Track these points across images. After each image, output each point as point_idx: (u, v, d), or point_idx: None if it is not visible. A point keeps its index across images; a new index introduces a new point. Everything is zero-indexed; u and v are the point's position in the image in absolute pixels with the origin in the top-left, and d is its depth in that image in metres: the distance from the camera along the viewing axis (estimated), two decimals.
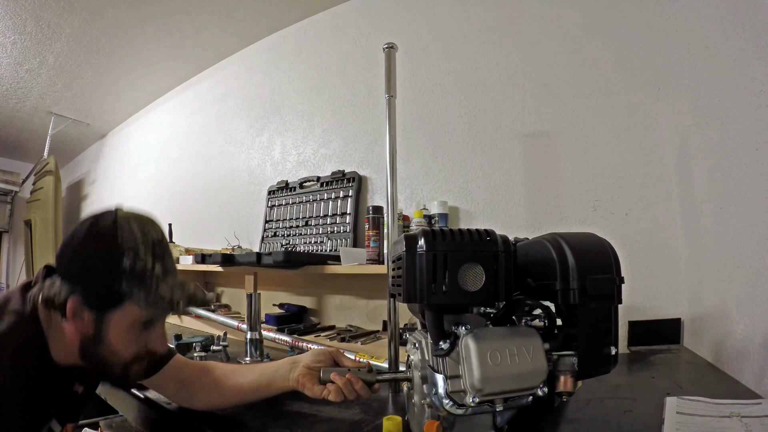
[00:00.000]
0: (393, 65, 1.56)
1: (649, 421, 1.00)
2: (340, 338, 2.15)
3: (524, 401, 0.84)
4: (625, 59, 2.01)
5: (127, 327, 1.04)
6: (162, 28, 3.48)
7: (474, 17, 2.49)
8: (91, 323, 1.02)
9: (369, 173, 2.81)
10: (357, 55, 3.02)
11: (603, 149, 2.03)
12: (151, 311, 1.06)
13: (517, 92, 2.30)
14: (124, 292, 1.01)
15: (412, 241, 0.81)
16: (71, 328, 1.03)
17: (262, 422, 1.19)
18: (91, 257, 1.02)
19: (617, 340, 0.81)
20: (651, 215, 1.90)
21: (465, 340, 0.78)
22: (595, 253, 0.80)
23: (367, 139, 2.86)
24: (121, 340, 1.05)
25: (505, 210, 2.26)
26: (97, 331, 1.03)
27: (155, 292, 1.03)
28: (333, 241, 2.74)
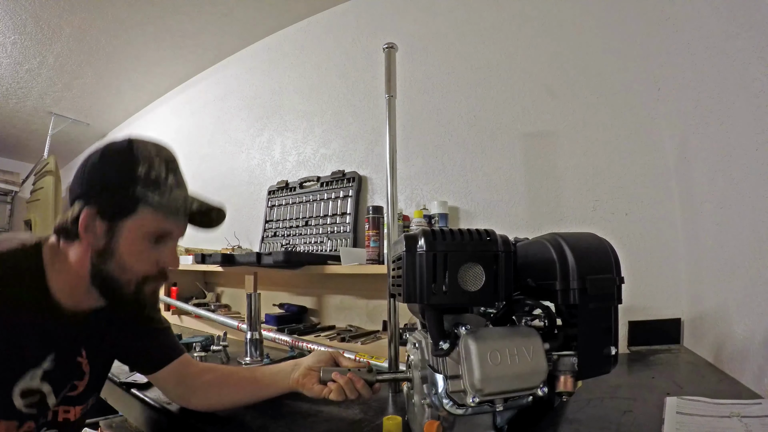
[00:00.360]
0: (393, 65, 1.56)
1: (649, 421, 1.00)
2: (340, 338, 2.15)
3: (524, 401, 0.84)
4: (626, 59, 2.01)
5: (139, 237, 1.03)
6: (162, 28, 3.48)
7: (474, 17, 2.49)
8: (103, 234, 1.01)
9: (369, 173, 2.81)
10: (357, 55, 3.02)
11: (603, 149, 2.03)
12: (164, 218, 1.06)
13: (518, 92, 2.30)
14: (139, 197, 1.01)
15: (412, 241, 0.81)
16: (82, 246, 1.02)
17: (263, 422, 1.19)
18: (106, 171, 1.03)
19: (617, 340, 0.81)
20: (651, 215, 1.90)
21: (465, 340, 0.78)
22: (596, 253, 0.80)
23: (367, 139, 2.86)
24: (133, 251, 1.03)
25: (505, 210, 2.26)
26: (109, 241, 1.01)
27: (170, 197, 1.05)
28: (333, 241, 2.74)
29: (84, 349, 1.13)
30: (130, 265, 1.03)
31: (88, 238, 1.01)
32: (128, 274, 1.04)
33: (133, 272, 1.04)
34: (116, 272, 1.03)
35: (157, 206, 1.03)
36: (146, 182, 1.02)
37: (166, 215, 1.06)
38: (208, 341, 2.04)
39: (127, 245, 1.02)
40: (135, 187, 1.01)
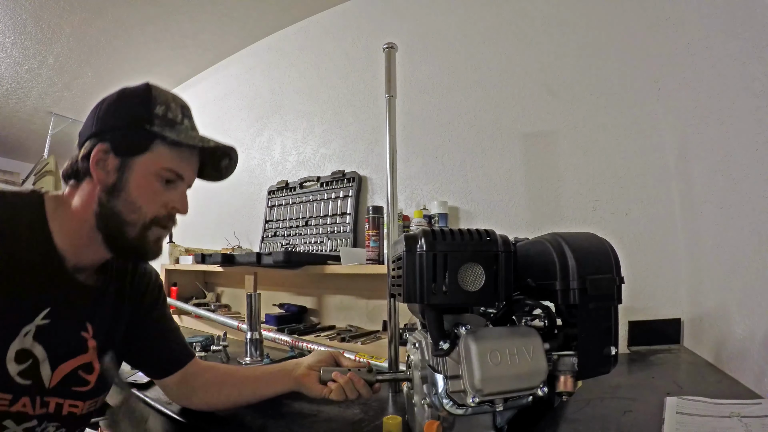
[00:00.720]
0: (393, 65, 1.56)
1: (649, 421, 1.00)
2: (340, 338, 2.15)
3: (524, 401, 0.84)
4: (626, 59, 2.01)
5: (151, 175, 1.02)
6: (162, 28, 3.49)
7: (474, 17, 2.49)
8: (114, 170, 1.00)
9: (369, 173, 2.81)
10: (357, 55, 3.02)
11: (603, 149, 2.03)
12: (178, 158, 1.05)
13: (518, 92, 2.30)
14: (154, 135, 1.01)
15: (412, 241, 0.81)
16: (90, 185, 1.01)
17: (263, 422, 1.19)
18: (122, 110, 1.03)
19: (617, 340, 0.81)
20: (651, 215, 1.90)
21: (465, 340, 0.78)
22: (595, 253, 0.80)
23: (367, 139, 2.86)
24: (143, 189, 1.02)
25: (505, 210, 2.26)
26: (120, 177, 1.00)
27: (185, 137, 1.04)
28: (333, 241, 2.74)
29: (90, 326, 1.08)
30: (139, 204, 1.01)
31: (98, 174, 1.00)
32: (136, 214, 1.02)
33: (141, 212, 1.02)
34: (124, 210, 1.01)
35: (171, 144, 1.03)
36: (162, 121, 1.03)
37: (180, 155, 1.06)
38: (208, 341, 2.04)
39: (137, 182, 1.01)
40: (151, 125, 1.01)
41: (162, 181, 1.04)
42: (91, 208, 1.01)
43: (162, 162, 1.03)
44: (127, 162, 1.00)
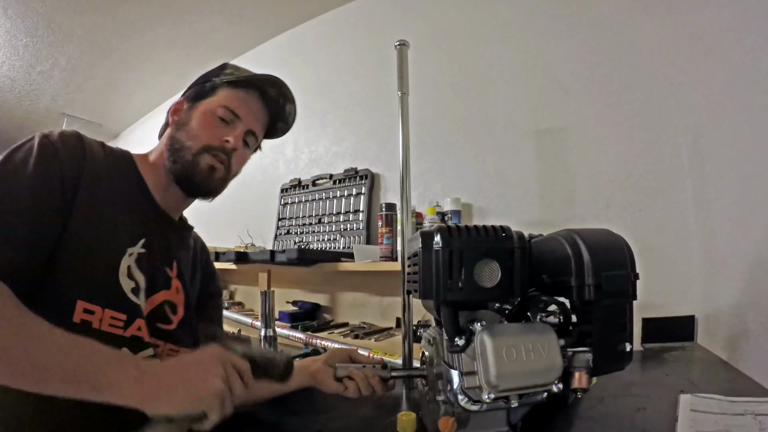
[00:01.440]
0: (405, 63, 1.56)
1: (662, 418, 1.00)
2: (354, 335, 2.16)
3: (539, 398, 0.84)
4: (638, 55, 2.00)
5: (210, 111, 1.18)
6: (173, 29, 3.50)
7: (485, 14, 2.48)
8: (185, 111, 1.20)
9: (382, 170, 2.81)
10: (368, 53, 3.03)
11: (616, 146, 2.02)
12: (237, 99, 1.20)
13: (530, 89, 2.30)
14: (219, 83, 1.21)
15: (428, 238, 0.81)
16: (170, 128, 1.21)
17: (277, 418, 1.20)
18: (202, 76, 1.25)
19: (632, 336, 0.81)
20: (664, 212, 1.89)
21: (481, 337, 0.78)
22: (610, 250, 0.80)
23: (380, 137, 2.87)
24: (201, 121, 1.17)
25: (518, 206, 2.26)
26: (186, 115, 1.19)
27: (244, 83, 1.23)
28: (346, 239, 2.75)
29: (175, 264, 1.20)
30: (196, 132, 1.16)
31: (172, 119, 1.22)
32: (193, 141, 1.15)
33: (197, 139, 1.15)
34: (184, 137, 1.16)
35: (230, 85, 1.21)
36: (227, 75, 1.23)
37: (237, 96, 1.21)
38: None
39: (199, 117, 1.17)
40: (218, 77, 1.22)
41: (220, 119, 1.18)
42: (165, 146, 1.19)
43: (222, 101, 1.19)
44: (194, 104, 1.20)
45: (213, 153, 1.16)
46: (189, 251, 1.30)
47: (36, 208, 0.87)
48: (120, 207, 1.04)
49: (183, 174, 1.15)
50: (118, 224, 1.02)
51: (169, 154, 1.16)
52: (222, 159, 1.18)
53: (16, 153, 0.91)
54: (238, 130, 1.20)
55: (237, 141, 1.19)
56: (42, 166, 0.91)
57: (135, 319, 0.99)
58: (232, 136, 1.18)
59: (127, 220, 1.05)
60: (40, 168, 0.90)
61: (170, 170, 1.16)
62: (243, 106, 1.21)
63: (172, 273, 1.17)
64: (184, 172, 1.15)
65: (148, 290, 1.06)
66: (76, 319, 0.89)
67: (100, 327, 0.93)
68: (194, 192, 1.21)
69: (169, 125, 1.22)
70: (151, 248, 1.09)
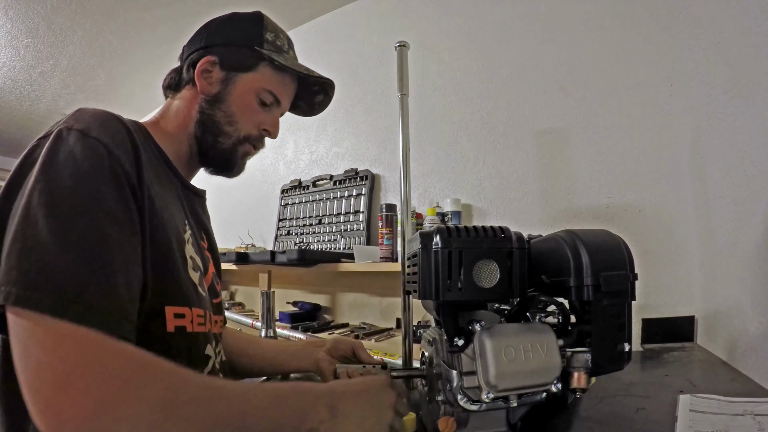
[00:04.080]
0: (405, 63, 1.56)
1: (662, 418, 1.00)
2: (354, 336, 2.16)
3: (538, 397, 0.84)
4: (638, 55, 2.00)
5: (252, 92, 1.08)
6: (174, 30, 3.50)
7: (485, 14, 2.49)
8: (218, 82, 1.06)
9: (382, 171, 2.82)
10: (368, 54, 3.03)
11: (616, 146, 2.02)
12: (281, 82, 1.12)
13: (530, 89, 2.30)
14: (263, 55, 1.07)
15: (427, 239, 0.81)
16: (190, 93, 1.08)
17: None
18: (233, 29, 1.10)
19: (631, 336, 0.81)
20: (664, 212, 1.89)
21: (480, 337, 0.78)
22: (609, 250, 0.80)
23: (380, 138, 2.87)
24: (242, 105, 1.07)
25: (518, 207, 2.26)
26: (223, 90, 1.06)
27: (292, 63, 1.11)
28: (346, 239, 2.75)
29: (205, 237, 1.15)
30: (236, 119, 1.07)
31: (201, 83, 1.06)
32: (232, 127, 1.07)
33: (237, 126, 1.08)
34: (222, 121, 1.07)
35: (276, 68, 1.10)
36: (271, 46, 1.10)
37: (281, 80, 1.12)
38: None
39: (238, 97, 1.07)
40: (261, 46, 1.08)
41: (260, 102, 1.10)
42: (191, 115, 1.07)
43: (264, 83, 1.09)
44: (232, 77, 1.07)
45: (252, 143, 1.13)
46: (209, 217, 1.25)
47: (122, 239, 0.70)
48: (166, 192, 0.94)
49: (217, 161, 1.11)
50: (173, 213, 0.92)
51: (200, 128, 1.06)
52: (258, 146, 1.15)
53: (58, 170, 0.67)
54: (277, 115, 1.16)
55: (276, 128, 1.16)
56: (104, 181, 0.70)
57: (207, 310, 0.96)
58: (273, 126, 1.14)
59: (173, 206, 0.95)
60: (104, 184, 0.70)
61: (200, 151, 1.08)
62: (285, 93, 1.16)
63: (205, 244, 1.13)
64: (218, 159, 1.10)
65: (203, 273, 1.01)
66: (170, 327, 0.81)
67: (193, 329, 0.87)
68: (219, 173, 1.16)
69: (189, 82, 1.09)
70: (192, 226, 1.03)
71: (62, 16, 3.27)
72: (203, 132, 1.06)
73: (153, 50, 3.80)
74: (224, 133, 1.07)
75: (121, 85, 4.43)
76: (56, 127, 0.73)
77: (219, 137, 1.07)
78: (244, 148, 1.11)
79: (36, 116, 5.01)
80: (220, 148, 1.08)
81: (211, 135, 1.07)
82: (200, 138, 1.07)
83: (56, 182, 0.66)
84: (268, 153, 3.58)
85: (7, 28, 3.37)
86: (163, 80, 1.15)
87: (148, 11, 3.27)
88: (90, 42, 3.63)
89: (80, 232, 0.64)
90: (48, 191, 0.64)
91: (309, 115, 1.36)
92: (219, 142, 1.07)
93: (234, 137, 1.08)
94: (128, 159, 0.76)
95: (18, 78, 4.17)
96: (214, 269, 1.14)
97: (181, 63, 1.14)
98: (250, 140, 1.11)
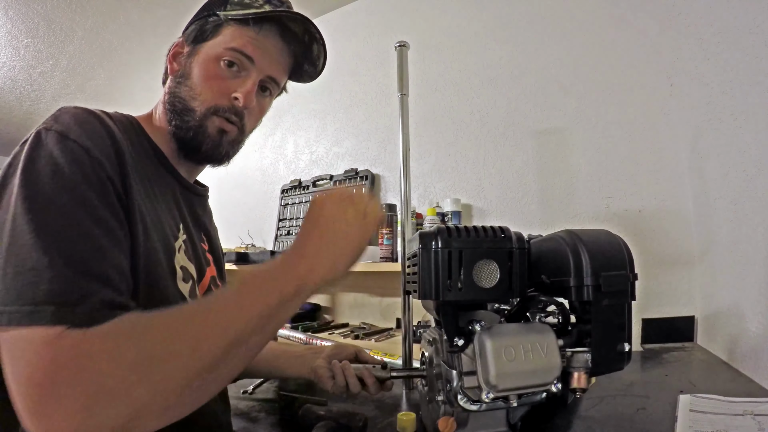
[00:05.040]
0: (405, 63, 1.56)
1: (662, 418, 1.00)
2: (354, 336, 2.16)
3: (538, 397, 0.84)
4: (638, 55, 2.00)
5: (212, 57, 0.95)
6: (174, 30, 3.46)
7: (485, 14, 2.49)
8: (185, 57, 0.98)
9: (382, 171, 2.82)
10: (368, 54, 3.03)
11: (616, 146, 2.03)
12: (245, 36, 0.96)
13: (530, 89, 2.30)
14: (223, 18, 0.96)
15: (427, 239, 0.81)
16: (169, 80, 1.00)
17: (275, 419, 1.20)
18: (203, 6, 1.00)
19: (631, 337, 0.81)
20: (664, 212, 1.89)
21: (480, 337, 0.78)
22: (609, 250, 0.80)
23: (380, 138, 2.87)
24: (204, 73, 0.95)
25: (518, 207, 2.26)
26: (186, 64, 0.97)
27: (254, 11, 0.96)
28: None
29: (205, 238, 1.09)
30: (200, 90, 0.95)
31: (171, 66, 0.99)
32: (196, 102, 0.95)
33: (202, 99, 0.95)
34: (187, 97, 0.96)
35: (238, 23, 0.96)
36: (237, 5, 0.98)
37: (249, 34, 0.96)
38: None
39: (200, 66, 0.96)
40: (222, 9, 0.97)
41: (226, 65, 0.96)
42: (165, 105, 0.98)
43: (226, 42, 0.96)
44: (195, 49, 0.98)
45: (222, 115, 0.97)
46: (211, 215, 1.20)
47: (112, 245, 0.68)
48: (156, 193, 0.88)
49: (188, 142, 0.97)
50: (163, 220, 0.87)
51: (171, 116, 0.96)
52: (233, 120, 0.98)
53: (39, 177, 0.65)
54: (251, 80, 0.98)
55: (249, 97, 0.97)
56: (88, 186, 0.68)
57: None
58: (242, 92, 0.96)
59: (164, 208, 0.90)
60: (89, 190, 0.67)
61: (173, 135, 0.97)
62: (256, 48, 0.97)
63: (206, 246, 1.08)
64: (189, 140, 0.96)
65: (198, 279, 0.96)
66: None
67: None
68: (203, 160, 1.04)
69: (168, 74, 1.01)
70: (189, 229, 0.98)
71: (62, 16, 3.26)
72: (172, 114, 0.96)
73: (153, 50, 3.80)
74: (189, 109, 0.95)
75: (121, 85, 4.43)
76: (36, 128, 0.72)
77: (185, 115, 0.95)
78: (215, 123, 0.97)
79: (36, 116, 5.00)
80: (187, 126, 0.96)
81: (177, 115, 0.96)
82: (171, 122, 0.97)
83: (38, 189, 0.64)
84: (268, 153, 3.58)
85: (7, 28, 3.37)
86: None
87: (148, 11, 3.26)
88: (90, 42, 3.63)
89: (70, 241, 0.62)
90: (30, 198, 0.63)
91: (318, 73, 1.17)
92: (186, 121, 0.96)
93: (199, 111, 0.95)
94: (110, 162, 0.73)
95: (18, 78, 4.16)
96: (215, 271, 1.09)
97: None
98: (219, 113, 0.96)
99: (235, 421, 1.12)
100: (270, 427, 1.16)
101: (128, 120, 0.91)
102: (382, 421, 1.13)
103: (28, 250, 0.59)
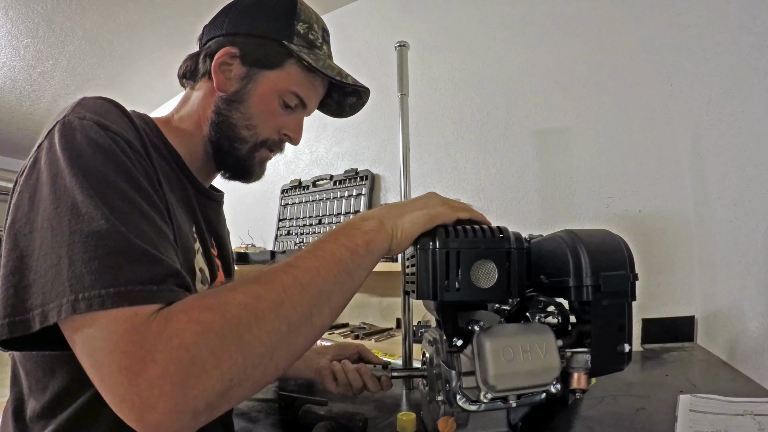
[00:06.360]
0: (405, 63, 1.56)
1: (662, 418, 1.00)
2: (354, 336, 2.16)
3: (538, 398, 0.84)
4: (638, 55, 2.00)
5: (275, 93, 0.96)
6: (174, 30, 3.50)
7: (485, 14, 2.48)
8: (238, 79, 0.95)
9: (382, 171, 2.82)
10: (368, 54, 3.03)
11: (616, 146, 2.02)
12: (308, 83, 0.99)
13: (529, 89, 2.30)
14: (291, 52, 0.95)
15: (425, 239, 0.81)
16: (207, 88, 0.97)
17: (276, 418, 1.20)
18: (260, 17, 0.96)
19: (631, 337, 0.81)
20: (664, 212, 1.89)
21: (479, 337, 0.78)
22: (609, 250, 0.80)
23: (380, 138, 2.87)
24: (263, 106, 0.96)
25: (518, 207, 2.26)
26: (243, 88, 0.95)
27: (323, 64, 0.98)
28: None
29: (214, 242, 1.06)
30: (255, 122, 0.97)
31: (218, 78, 0.95)
32: (250, 131, 0.97)
33: (255, 130, 0.97)
34: (239, 124, 0.96)
35: (305, 69, 0.97)
36: (302, 41, 0.97)
37: (310, 81, 1.00)
38: None
39: (259, 98, 0.96)
40: (290, 41, 0.95)
41: (283, 104, 0.98)
42: (206, 115, 0.97)
43: (290, 84, 0.97)
44: (254, 74, 0.95)
45: (270, 147, 1.02)
46: (224, 221, 1.18)
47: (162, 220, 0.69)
48: (176, 197, 0.87)
49: (232, 167, 1.01)
50: (181, 223, 0.84)
51: (215, 131, 0.96)
52: (276, 151, 1.05)
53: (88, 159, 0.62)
54: (301, 118, 1.03)
55: (299, 133, 1.04)
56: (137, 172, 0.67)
57: None
58: (295, 132, 1.02)
59: (183, 212, 0.88)
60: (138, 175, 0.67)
61: (215, 156, 0.99)
62: (313, 95, 1.03)
63: (215, 251, 1.05)
64: (234, 165, 1.00)
65: (209, 284, 0.94)
66: None
67: None
68: (232, 178, 1.06)
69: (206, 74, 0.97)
70: (202, 233, 0.97)
71: (62, 16, 3.26)
72: (218, 136, 0.96)
73: (153, 50, 3.80)
74: (241, 137, 0.97)
75: (121, 84, 4.43)
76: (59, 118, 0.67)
77: (235, 142, 0.97)
78: (262, 154, 1.01)
79: (36, 116, 5.01)
80: (236, 155, 0.98)
81: (226, 140, 0.97)
82: (215, 142, 0.97)
83: (95, 176, 0.61)
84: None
85: (7, 28, 3.37)
86: (179, 67, 1.04)
87: (148, 11, 3.26)
88: (90, 42, 3.63)
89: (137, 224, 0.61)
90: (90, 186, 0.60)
91: (337, 117, 1.18)
92: (235, 148, 0.97)
93: (251, 142, 0.98)
94: (140, 154, 0.71)
95: (18, 78, 4.17)
96: (224, 276, 1.07)
97: (199, 48, 1.03)
98: (267, 144, 1.01)
99: (235, 421, 1.12)
100: (270, 427, 1.16)
101: (143, 119, 0.89)
102: (382, 421, 1.13)
103: (104, 235, 0.57)
